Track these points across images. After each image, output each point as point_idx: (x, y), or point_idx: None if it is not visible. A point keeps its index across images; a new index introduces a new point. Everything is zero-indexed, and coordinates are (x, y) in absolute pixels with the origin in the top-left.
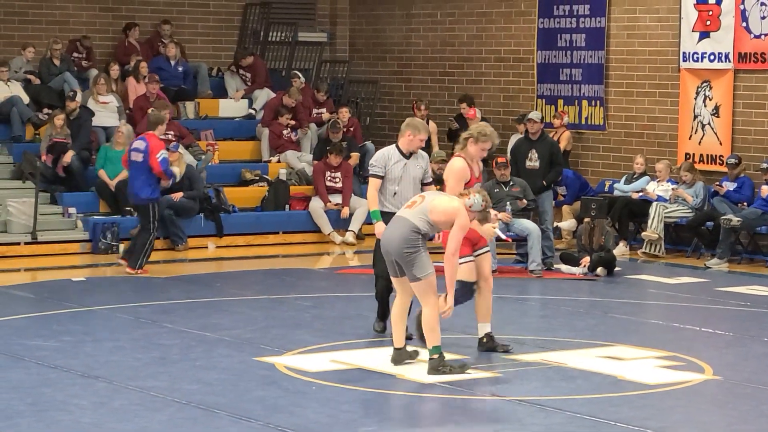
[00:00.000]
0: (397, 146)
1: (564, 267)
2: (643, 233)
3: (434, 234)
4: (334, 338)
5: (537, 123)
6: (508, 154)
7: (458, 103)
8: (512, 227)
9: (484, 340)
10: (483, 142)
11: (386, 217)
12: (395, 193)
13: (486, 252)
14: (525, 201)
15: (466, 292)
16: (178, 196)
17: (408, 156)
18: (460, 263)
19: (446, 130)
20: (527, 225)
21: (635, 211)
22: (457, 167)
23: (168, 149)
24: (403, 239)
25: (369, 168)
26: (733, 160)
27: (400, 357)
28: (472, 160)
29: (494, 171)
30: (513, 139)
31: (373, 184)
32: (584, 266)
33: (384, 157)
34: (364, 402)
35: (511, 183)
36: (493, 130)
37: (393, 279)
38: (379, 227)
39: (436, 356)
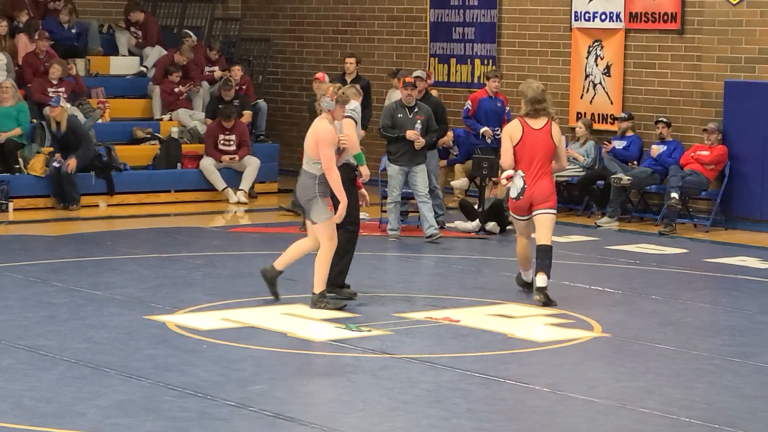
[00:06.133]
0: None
1: (459, 224)
2: None
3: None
4: (226, 297)
5: (422, 81)
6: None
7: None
8: (405, 185)
9: None
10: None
11: None
12: None
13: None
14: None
15: None
16: (72, 164)
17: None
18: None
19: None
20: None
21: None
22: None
23: (48, 104)
24: (303, 187)
25: None
26: (624, 115)
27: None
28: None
29: (400, 91)
30: (390, 95)
31: None
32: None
33: None
34: (255, 360)
35: (416, 109)
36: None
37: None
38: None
39: (317, 293)
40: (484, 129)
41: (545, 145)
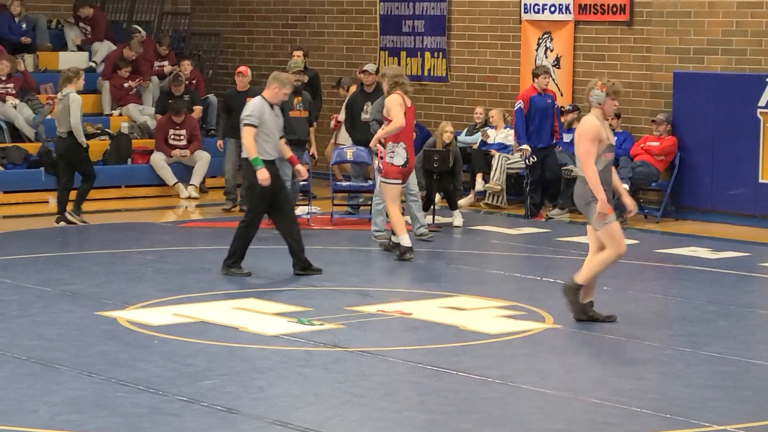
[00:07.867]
0: (264, 98)
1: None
2: (486, 185)
3: None
4: (177, 292)
5: (372, 75)
6: (344, 108)
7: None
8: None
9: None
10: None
11: (268, 164)
12: (270, 142)
13: None
14: None
15: None
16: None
17: (272, 107)
18: None
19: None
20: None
21: (479, 162)
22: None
23: None
24: (578, 193)
25: (246, 119)
26: (568, 107)
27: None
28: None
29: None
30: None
31: (252, 132)
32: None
33: (259, 109)
34: (208, 355)
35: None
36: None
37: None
38: (264, 173)
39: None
40: (524, 146)
41: (412, 121)
